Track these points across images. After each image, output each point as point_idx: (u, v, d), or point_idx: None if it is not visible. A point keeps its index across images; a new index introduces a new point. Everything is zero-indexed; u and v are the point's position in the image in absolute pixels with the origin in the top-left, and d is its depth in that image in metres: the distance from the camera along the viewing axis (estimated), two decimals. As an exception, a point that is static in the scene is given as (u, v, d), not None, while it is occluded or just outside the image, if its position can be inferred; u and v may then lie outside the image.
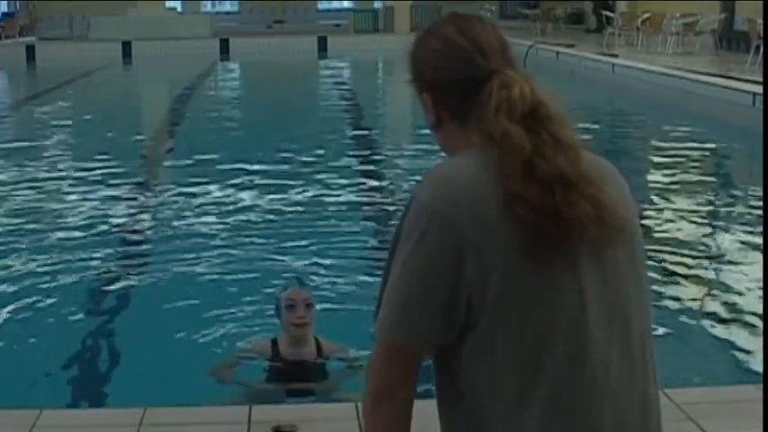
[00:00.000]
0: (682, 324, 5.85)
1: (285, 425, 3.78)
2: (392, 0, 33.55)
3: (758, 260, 7.00)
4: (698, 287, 6.70)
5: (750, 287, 6.48)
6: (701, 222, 8.61)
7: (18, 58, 27.73)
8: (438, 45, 1.95)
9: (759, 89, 13.49)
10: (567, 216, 1.79)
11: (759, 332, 5.54)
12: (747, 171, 11.00)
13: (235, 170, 10.76)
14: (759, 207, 8.50)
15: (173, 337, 5.63)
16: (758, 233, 7.64)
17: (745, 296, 6.35)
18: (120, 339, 5.74)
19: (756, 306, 6.00)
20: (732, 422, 3.82)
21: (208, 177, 10.38)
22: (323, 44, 30.28)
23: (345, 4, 43.01)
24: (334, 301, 6.10)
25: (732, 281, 6.73)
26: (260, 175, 10.52)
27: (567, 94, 2.17)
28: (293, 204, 9.14)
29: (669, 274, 6.77)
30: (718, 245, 7.76)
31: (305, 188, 9.84)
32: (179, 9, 39.23)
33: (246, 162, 11.21)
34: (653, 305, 1.99)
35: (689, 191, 9.82)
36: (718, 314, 6.11)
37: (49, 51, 28.47)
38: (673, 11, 22.44)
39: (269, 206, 9.07)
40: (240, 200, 9.32)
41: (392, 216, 8.20)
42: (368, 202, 9.38)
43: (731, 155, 12.65)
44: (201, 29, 31.83)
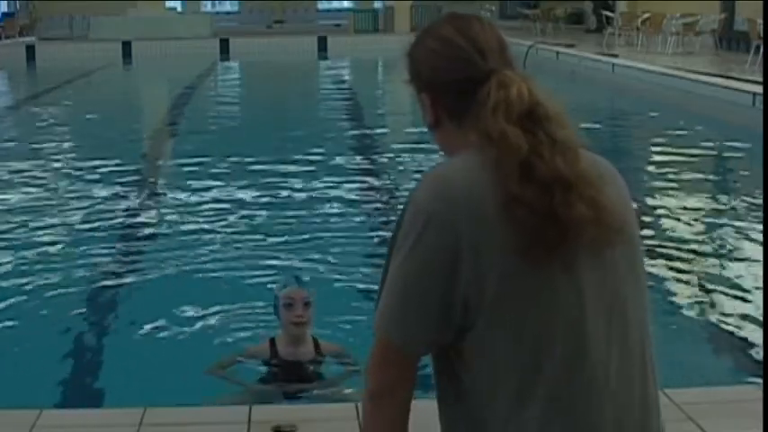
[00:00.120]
0: (682, 324, 5.85)
1: (285, 425, 3.78)
2: (392, 0, 33.57)
3: (758, 260, 7.00)
4: (698, 287, 6.69)
5: (750, 287, 6.48)
6: (700, 222, 8.61)
7: (18, 58, 27.73)
8: (436, 45, 1.95)
9: (759, 89, 13.48)
10: (565, 218, 1.79)
11: (759, 332, 5.54)
12: (747, 171, 10.99)
13: (234, 170, 10.77)
14: (759, 207, 8.50)
15: (173, 337, 5.64)
16: (758, 233, 7.64)
17: (746, 296, 6.35)
18: (120, 339, 5.74)
19: (756, 306, 6.01)
20: (732, 422, 3.82)
21: (208, 177, 10.39)
22: (323, 44, 30.29)
23: (345, 4, 43.02)
24: (334, 301, 6.09)
25: (732, 280, 6.73)
26: (260, 174, 10.52)
27: (567, 95, 2.17)
28: (293, 204, 9.14)
29: (669, 274, 6.77)
30: (717, 245, 7.76)
31: (305, 188, 9.84)
32: (179, 9, 39.26)
33: (246, 162, 11.22)
34: (653, 305, 1.99)
35: (689, 191, 9.82)
36: (719, 314, 6.11)
37: (49, 51, 28.48)
38: (673, 11, 22.44)
39: (268, 205, 9.07)
40: (240, 199, 9.32)
41: (391, 215, 8.20)
42: (367, 202, 9.37)
43: (731, 155, 12.64)
44: (201, 29, 31.84)
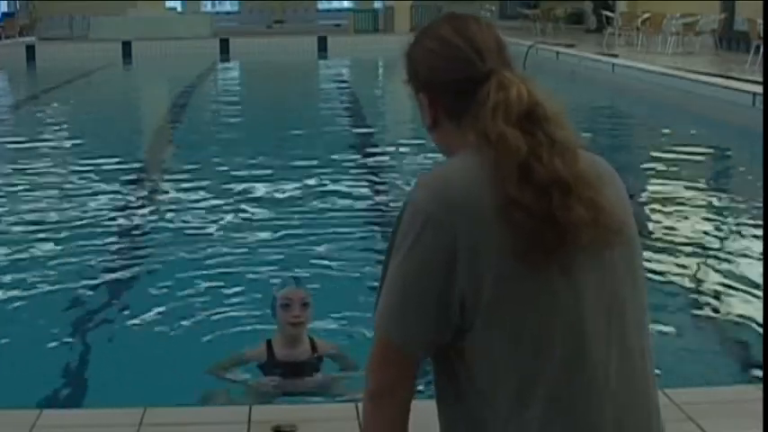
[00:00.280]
0: (682, 324, 5.85)
1: (285, 425, 3.78)
2: (392, 0, 33.57)
3: (758, 260, 7.00)
4: (698, 287, 6.69)
5: (750, 287, 6.48)
6: (700, 222, 8.61)
7: (18, 58, 27.73)
8: (434, 45, 1.95)
9: (759, 89, 13.48)
10: (564, 221, 1.78)
11: (759, 332, 5.54)
12: (747, 171, 11.00)
13: (234, 170, 10.77)
14: (759, 207, 8.50)
15: (172, 337, 5.64)
16: (758, 233, 7.64)
17: (746, 296, 6.34)
18: (120, 339, 5.73)
19: (756, 306, 6.00)
20: (732, 422, 3.82)
21: (207, 177, 10.38)
22: (323, 44, 30.29)
23: (345, 4, 43.01)
24: (333, 301, 6.09)
25: (732, 280, 6.73)
26: (259, 174, 10.52)
27: (567, 95, 2.18)
28: (292, 204, 9.13)
29: (669, 274, 6.77)
30: (717, 245, 7.76)
31: (304, 188, 9.84)
32: (179, 9, 39.26)
33: (246, 162, 11.22)
34: (653, 305, 1.99)
35: (689, 191, 9.81)
36: (719, 314, 6.11)
37: (49, 51, 28.47)
38: (673, 11, 22.44)
39: (268, 205, 9.07)
40: (239, 199, 9.32)
41: (391, 216, 8.20)
42: (367, 202, 9.37)
43: (731, 155, 12.65)
44: (201, 29, 31.84)
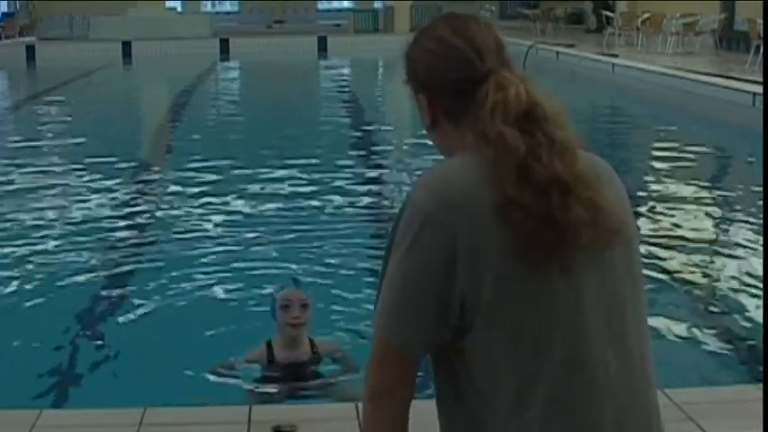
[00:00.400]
0: (682, 324, 5.84)
1: (285, 425, 3.78)
2: (392, 0, 33.57)
3: (758, 260, 7.00)
4: (698, 287, 6.69)
5: (750, 287, 6.48)
6: (700, 222, 8.61)
7: (18, 58, 27.73)
8: (433, 45, 1.95)
9: (759, 89, 13.48)
10: (563, 221, 1.78)
11: (759, 332, 5.54)
12: (747, 171, 11.00)
13: (234, 170, 10.77)
14: (759, 207, 8.50)
15: (173, 337, 5.63)
16: (758, 233, 7.64)
17: (746, 296, 6.34)
18: (120, 339, 5.73)
19: (756, 306, 6.01)
20: (732, 422, 3.82)
21: (207, 177, 10.38)
22: (323, 44, 30.29)
23: (345, 4, 43.02)
24: (332, 302, 6.10)
25: (732, 280, 6.73)
26: (259, 174, 10.52)
27: (567, 95, 2.17)
28: (292, 204, 9.13)
29: (669, 274, 6.77)
30: (717, 244, 7.76)
31: (304, 188, 9.84)
32: (179, 9, 39.27)
33: (245, 162, 11.22)
34: (653, 305, 2.00)
35: (688, 191, 9.81)
36: (719, 314, 6.11)
37: (49, 51, 28.47)
38: (673, 11, 22.44)
39: (267, 206, 9.07)
40: (239, 199, 9.32)
41: (391, 216, 8.19)
42: (367, 202, 9.37)
43: (731, 155, 12.65)
44: (201, 29, 31.84)
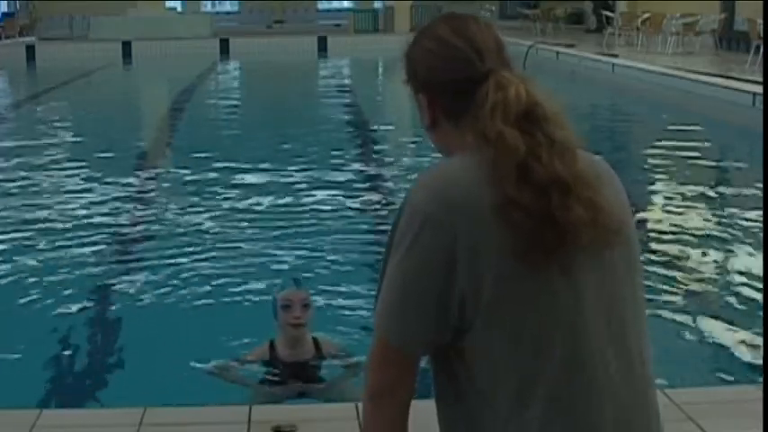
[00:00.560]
0: (682, 324, 5.84)
1: (285, 425, 3.78)
2: (392, 0, 33.57)
3: (758, 260, 7.00)
4: (698, 287, 6.69)
5: (750, 286, 6.48)
6: (700, 222, 8.61)
7: (18, 58, 27.73)
8: (433, 45, 1.95)
9: (759, 89, 13.48)
10: (563, 221, 1.78)
11: (759, 332, 5.54)
12: (747, 171, 10.99)
13: (234, 170, 10.76)
14: (759, 207, 8.50)
15: (173, 337, 5.63)
16: (758, 233, 7.64)
17: (745, 296, 6.35)
18: (121, 339, 5.74)
19: (756, 306, 6.01)
20: (732, 422, 3.82)
21: (207, 177, 10.39)
22: (323, 44, 30.29)
23: (345, 4, 43.00)
24: (333, 302, 6.10)
25: (732, 280, 6.73)
26: (259, 174, 10.53)
27: (567, 95, 2.17)
28: (292, 204, 9.14)
29: (669, 274, 6.77)
30: (717, 244, 7.75)
31: (304, 188, 9.84)
32: (179, 9, 39.25)
33: (246, 162, 11.21)
34: (653, 305, 2.00)
35: (689, 191, 9.81)
36: (719, 314, 6.10)
37: (49, 51, 28.47)
38: (673, 11, 22.44)
39: (268, 206, 9.07)
40: (239, 199, 9.33)
41: (391, 216, 8.17)
42: (367, 202, 9.37)
43: (731, 155, 12.65)
44: (201, 29, 31.84)
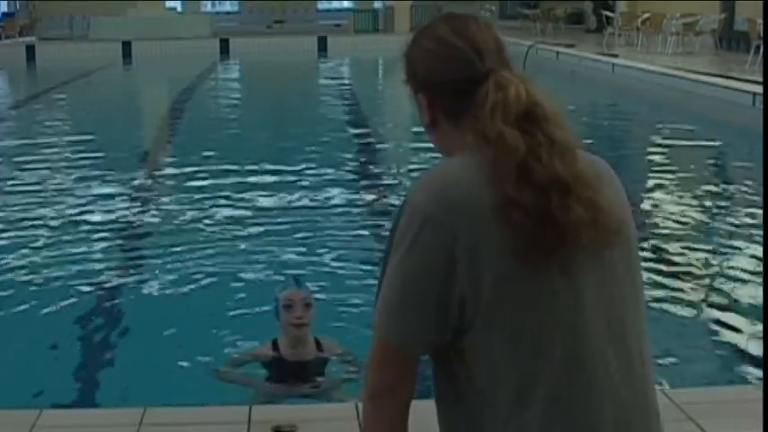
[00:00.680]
0: (682, 324, 5.85)
1: (285, 425, 3.78)
2: (392, 0, 33.57)
3: (758, 260, 7.00)
4: (698, 287, 6.69)
5: (750, 286, 6.48)
6: (700, 222, 8.61)
7: (18, 58, 27.73)
8: (432, 45, 1.94)
9: (759, 89, 13.48)
10: (563, 221, 1.78)
11: (759, 332, 5.54)
12: (747, 171, 10.99)
13: (234, 170, 10.76)
14: (759, 207, 8.50)
15: (173, 338, 5.63)
16: (758, 233, 7.64)
17: (746, 296, 6.34)
18: (121, 339, 5.74)
19: (756, 306, 6.00)
20: (732, 422, 3.82)
21: (208, 177, 10.39)
22: (323, 44, 30.29)
23: (345, 4, 43.00)
24: (334, 301, 6.10)
25: (732, 281, 6.73)
26: (259, 174, 10.53)
27: (567, 95, 2.18)
28: (292, 204, 9.14)
29: (669, 274, 6.77)
30: (717, 244, 7.75)
31: (304, 188, 9.84)
32: (179, 9, 39.25)
33: (246, 162, 11.21)
34: (653, 305, 2.00)
35: (689, 191, 9.82)
36: (719, 314, 6.10)
37: (49, 51, 28.47)
38: (673, 11, 22.44)
39: (268, 206, 9.07)
40: (240, 200, 9.32)
41: (391, 216, 8.18)
42: (367, 201, 9.38)
43: (731, 155, 12.65)
44: (201, 29, 31.83)
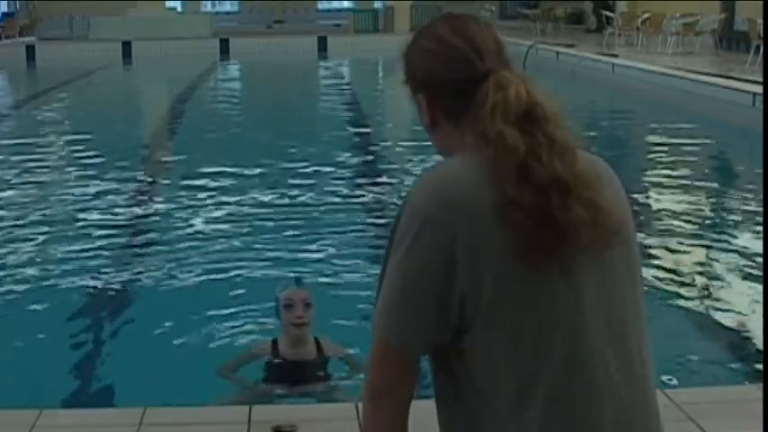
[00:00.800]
0: (682, 324, 5.85)
1: (285, 425, 3.78)
2: (392, 0, 33.57)
3: (758, 260, 6.99)
4: (698, 287, 6.69)
5: (750, 287, 6.48)
6: (700, 222, 8.61)
7: (18, 58, 27.72)
8: (432, 45, 1.94)
9: (759, 89, 13.48)
10: (563, 221, 1.78)
11: (759, 332, 5.54)
12: (747, 171, 11.00)
13: (234, 170, 10.76)
14: (759, 207, 8.50)
15: (173, 337, 5.63)
16: (758, 233, 7.64)
17: (746, 296, 6.35)
18: (121, 339, 5.74)
19: (756, 306, 6.00)
20: (732, 422, 3.81)
21: (208, 177, 10.39)
22: (323, 44, 30.29)
23: (345, 4, 43.00)
24: (334, 301, 6.09)
25: (732, 280, 6.73)
26: (260, 174, 10.52)
27: (567, 95, 2.18)
28: (293, 204, 9.14)
29: (669, 274, 6.77)
30: (717, 244, 7.75)
31: (304, 188, 9.84)
32: (179, 9, 39.25)
33: (246, 162, 11.21)
34: (653, 305, 1.99)
35: (689, 191, 9.81)
36: (719, 314, 6.10)
37: (49, 51, 28.47)
38: (673, 11, 22.43)
39: (268, 206, 9.07)
40: (240, 200, 9.32)
41: (391, 215, 8.19)
42: (367, 201, 9.38)
43: (731, 155, 12.65)
44: (201, 29, 31.84)
